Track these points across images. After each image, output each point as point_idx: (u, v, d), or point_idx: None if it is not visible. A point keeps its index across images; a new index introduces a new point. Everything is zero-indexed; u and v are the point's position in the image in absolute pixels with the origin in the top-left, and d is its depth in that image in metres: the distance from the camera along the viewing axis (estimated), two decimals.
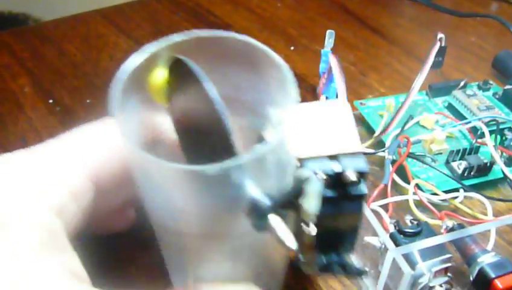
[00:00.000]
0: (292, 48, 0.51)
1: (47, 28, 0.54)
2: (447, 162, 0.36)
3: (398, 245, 0.26)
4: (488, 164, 0.35)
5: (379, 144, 0.37)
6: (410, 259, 0.26)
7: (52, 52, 0.50)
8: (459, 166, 0.35)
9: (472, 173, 0.35)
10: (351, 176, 0.22)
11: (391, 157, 0.34)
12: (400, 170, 0.34)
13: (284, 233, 0.18)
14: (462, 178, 0.35)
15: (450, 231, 0.30)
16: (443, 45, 0.40)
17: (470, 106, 0.40)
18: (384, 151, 0.35)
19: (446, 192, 0.34)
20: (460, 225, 0.30)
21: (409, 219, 0.31)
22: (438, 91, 0.42)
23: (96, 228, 0.25)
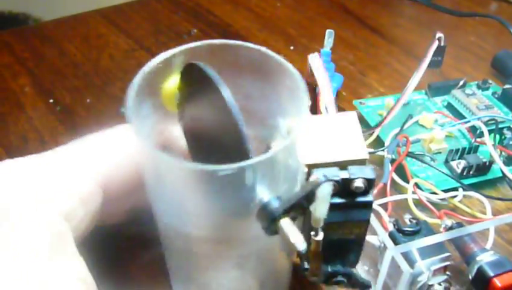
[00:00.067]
0: (292, 48, 0.52)
1: (47, 28, 0.55)
2: (446, 161, 0.36)
3: (397, 244, 0.27)
4: (487, 163, 0.35)
5: (378, 143, 0.37)
6: (409, 258, 0.26)
7: (52, 52, 0.50)
8: (458, 165, 0.35)
9: (471, 172, 0.35)
10: (359, 184, 0.22)
11: (390, 156, 0.35)
12: (399, 169, 0.34)
13: (295, 235, 0.18)
14: (461, 177, 0.35)
15: (449, 230, 0.30)
16: (442, 44, 0.40)
17: (469, 105, 0.40)
18: (383, 150, 0.36)
19: (445, 191, 0.34)
20: (459, 224, 0.30)
21: (408, 218, 0.31)
22: (437, 90, 0.43)
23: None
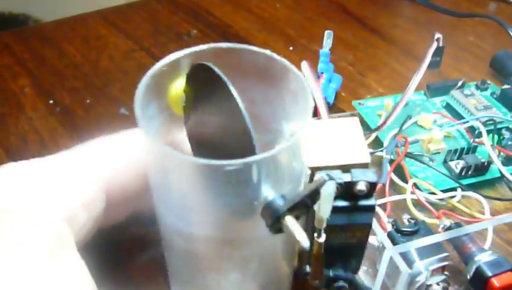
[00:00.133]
0: (291, 48, 0.52)
1: (47, 29, 0.55)
2: (445, 161, 0.36)
3: (396, 244, 0.27)
4: (486, 163, 0.35)
5: (377, 144, 0.37)
6: (407, 258, 0.27)
7: (52, 52, 0.50)
8: (457, 165, 0.35)
9: (470, 172, 0.35)
10: (361, 187, 0.22)
11: (389, 156, 0.35)
12: (398, 170, 0.34)
13: (299, 233, 0.19)
14: (460, 177, 0.35)
15: (448, 230, 0.30)
16: (440, 45, 0.40)
17: (468, 106, 0.40)
18: (382, 150, 0.36)
19: (444, 191, 0.34)
20: (457, 224, 0.30)
21: (407, 218, 0.32)
22: (436, 91, 0.43)
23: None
